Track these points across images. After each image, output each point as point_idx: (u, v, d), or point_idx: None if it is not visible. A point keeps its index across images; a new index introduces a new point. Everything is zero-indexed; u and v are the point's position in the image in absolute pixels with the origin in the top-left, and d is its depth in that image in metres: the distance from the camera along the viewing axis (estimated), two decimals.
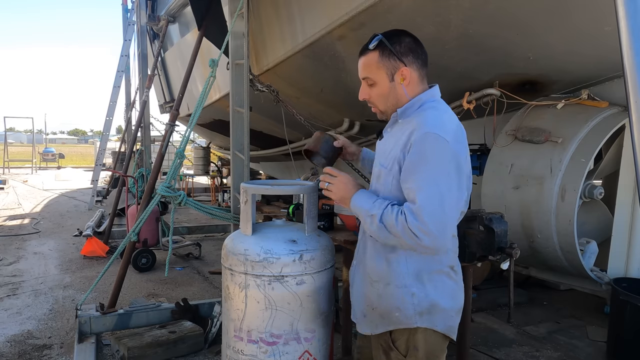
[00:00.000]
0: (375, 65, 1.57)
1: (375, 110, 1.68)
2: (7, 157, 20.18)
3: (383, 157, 1.62)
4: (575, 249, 3.47)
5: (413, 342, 1.59)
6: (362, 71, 1.61)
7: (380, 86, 1.59)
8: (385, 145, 1.65)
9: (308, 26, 3.91)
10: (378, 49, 1.56)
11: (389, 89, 1.58)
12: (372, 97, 1.63)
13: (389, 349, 1.64)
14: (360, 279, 1.74)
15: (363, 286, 1.71)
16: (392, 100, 1.61)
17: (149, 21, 7.54)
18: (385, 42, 1.54)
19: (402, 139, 1.52)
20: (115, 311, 3.53)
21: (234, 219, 3.99)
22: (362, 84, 1.64)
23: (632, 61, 1.41)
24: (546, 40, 3.22)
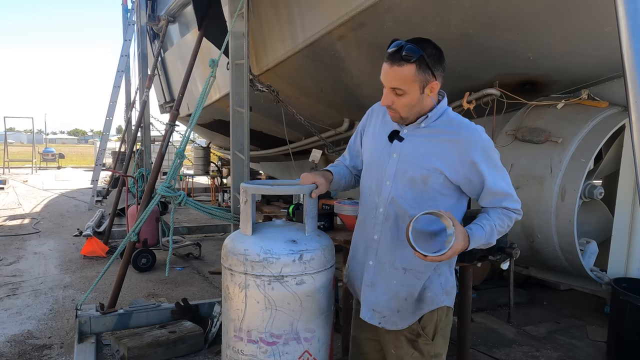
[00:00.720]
0: (412, 79, 1.57)
1: (394, 115, 1.67)
2: (7, 157, 20.17)
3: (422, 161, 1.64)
4: (575, 249, 3.47)
5: (440, 323, 1.72)
6: (394, 81, 1.59)
7: (409, 97, 1.60)
8: (416, 148, 1.66)
9: (308, 26, 3.91)
10: (416, 63, 1.55)
11: (417, 100, 1.61)
12: (396, 105, 1.63)
13: (416, 336, 1.70)
14: (387, 275, 1.73)
15: (394, 280, 1.71)
16: (417, 109, 1.64)
17: (149, 21, 7.54)
18: (425, 58, 1.55)
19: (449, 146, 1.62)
20: (115, 311, 3.53)
21: (234, 219, 4.00)
22: (387, 90, 1.63)
23: (632, 61, 1.41)
24: (546, 40, 3.22)
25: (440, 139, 1.64)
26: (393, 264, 1.71)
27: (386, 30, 3.41)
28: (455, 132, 1.64)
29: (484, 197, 1.67)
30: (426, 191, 1.65)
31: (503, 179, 1.66)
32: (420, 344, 1.70)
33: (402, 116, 1.66)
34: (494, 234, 1.62)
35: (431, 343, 1.70)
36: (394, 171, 1.68)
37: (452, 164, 1.62)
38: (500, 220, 1.64)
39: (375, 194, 1.74)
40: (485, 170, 1.61)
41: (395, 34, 3.53)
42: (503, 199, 1.65)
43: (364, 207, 1.83)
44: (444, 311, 1.73)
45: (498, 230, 1.63)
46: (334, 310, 2.22)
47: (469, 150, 1.60)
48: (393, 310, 1.73)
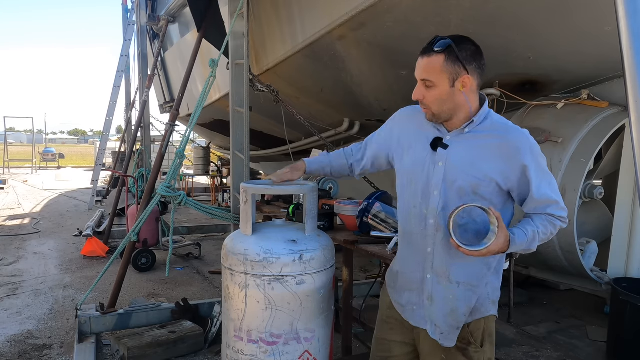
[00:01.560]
0: (440, 69, 1.54)
1: (427, 111, 1.63)
2: (7, 157, 20.17)
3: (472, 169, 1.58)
4: (575, 249, 3.47)
5: (488, 330, 1.70)
6: (423, 72, 1.57)
7: (439, 90, 1.56)
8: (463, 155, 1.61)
9: (308, 26, 3.91)
10: (444, 53, 1.53)
11: (447, 94, 1.56)
12: (427, 99, 1.59)
13: (467, 344, 1.67)
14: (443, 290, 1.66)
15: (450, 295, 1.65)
16: (449, 105, 1.58)
17: (149, 21, 7.54)
18: (453, 48, 1.52)
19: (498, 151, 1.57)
20: (115, 311, 3.53)
21: (234, 219, 4.00)
22: (419, 84, 1.60)
23: (632, 61, 1.41)
24: (546, 40, 3.22)
25: (488, 144, 1.59)
26: (448, 278, 1.65)
27: (386, 30, 3.41)
28: (502, 136, 1.58)
29: (529, 203, 1.61)
30: (475, 200, 1.58)
31: (550, 185, 1.59)
32: (470, 352, 1.68)
33: (433, 112, 1.60)
34: (535, 241, 1.58)
35: (481, 350, 1.68)
36: (442, 180, 1.61)
37: (503, 170, 1.57)
38: (544, 227, 1.59)
39: (423, 205, 1.66)
40: (533, 175, 1.56)
41: (395, 34, 3.54)
42: (548, 206, 1.59)
43: (410, 218, 1.71)
44: (490, 320, 1.72)
45: (541, 238, 1.59)
46: (334, 310, 2.22)
47: (518, 153, 1.55)
48: (453, 328, 1.67)
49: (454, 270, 1.64)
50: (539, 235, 1.58)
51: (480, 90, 1.66)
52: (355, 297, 3.37)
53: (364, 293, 3.81)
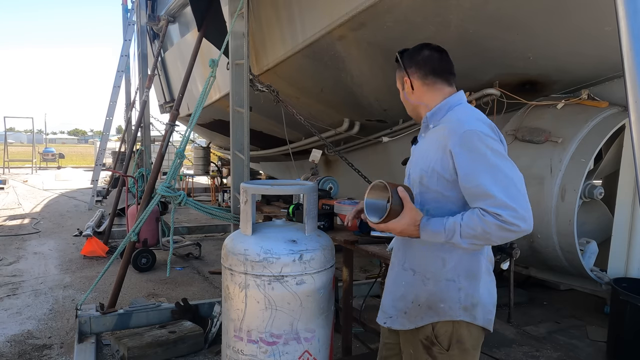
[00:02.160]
0: (397, 77, 1.79)
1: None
2: (7, 157, 20.17)
3: (422, 161, 1.66)
4: (575, 249, 3.47)
5: (457, 335, 1.63)
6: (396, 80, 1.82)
7: (401, 94, 1.80)
8: (421, 149, 1.72)
9: (308, 26, 3.91)
10: (397, 63, 1.77)
11: (403, 97, 1.79)
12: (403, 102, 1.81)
13: (430, 344, 1.65)
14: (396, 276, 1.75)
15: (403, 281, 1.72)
16: (409, 106, 1.79)
17: (149, 21, 7.54)
18: (398, 57, 1.76)
19: (438, 141, 1.60)
20: (115, 311, 3.53)
21: (234, 219, 4.00)
22: None
23: (632, 61, 1.41)
24: (546, 40, 3.22)
25: (434, 137, 1.64)
26: (403, 265, 1.71)
27: (386, 30, 3.41)
28: (444, 127, 1.61)
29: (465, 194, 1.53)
30: (425, 192, 1.62)
31: (493, 178, 1.44)
32: (434, 352, 1.65)
33: (408, 112, 1.81)
34: (456, 233, 1.47)
35: (446, 353, 1.64)
36: (409, 174, 1.76)
37: (441, 158, 1.56)
38: (470, 220, 1.45)
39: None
40: (460, 160, 1.49)
41: (395, 34, 3.54)
42: (480, 199, 1.45)
43: None
44: (462, 326, 1.63)
45: (465, 232, 1.46)
46: (334, 310, 2.22)
47: (447, 140, 1.54)
48: (400, 311, 1.70)
49: (409, 258, 1.70)
50: (461, 228, 1.46)
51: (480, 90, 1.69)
52: (355, 297, 3.37)
53: (364, 293, 3.81)
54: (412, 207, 1.52)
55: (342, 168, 5.79)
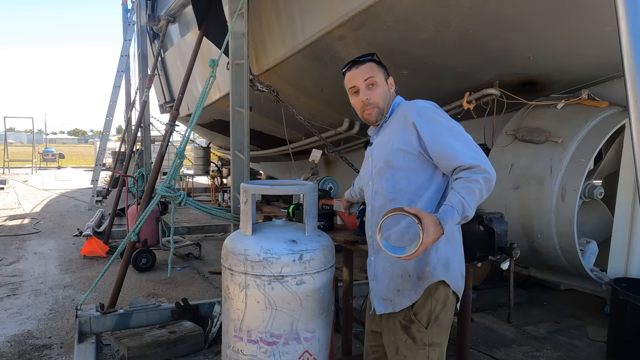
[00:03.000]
0: (377, 69, 1.85)
1: (372, 111, 1.86)
2: (7, 157, 20.17)
3: (384, 149, 1.82)
4: (575, 249, 3.47)
5: (435, 312, 1.73)
6: (366, 73, 1.83)
7: (381, 86, 1.84)
8: (379, 144, 1.88)
9: (308, 26, 3.91)
10: (372, 61, 1.87)
11: (386, 89, 1.86)
12: (373, 97, 1.84)
13: (409, 322, 1.72)
14: (381, 261, 1.83)
15: (388, 262, 1.80)
16: (388, 100, 1.88)
17: (149, 21, 7.54)
18: (377, 57, 1.89)
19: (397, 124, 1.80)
20: (115, 311, 3.53)
21: (234, 219, 4.00)
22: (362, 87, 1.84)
23: (632, 61, 1.41)
24: (546, 41, 3.22)
25: (393, 125, 1.83)
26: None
27: (386, 30, 3.41)
28: (397, 112, 1.84)
29: (437, 164, 1.72)
30: (395, 172, 1.77)
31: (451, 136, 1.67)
32: (413, 331, 1.71)
33: (380, 107, 1.85)
34: (467, 207, 1.56)
35: (424, 331, 1.71)
36: (370, 171, 1.89)
37: (404, 137, 1.75)
38: (466, 190, 1.58)
39: (367, 198, 1.93)
40: (423, 129, 1.70)
41: (395, 34, 3.54)
42: (449, 160, 1.66)
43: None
44: (440, 295, 1.72)
45: (471, 200, 1.58)
46: (334, 310, 2.22)
47: (407, 116, 1.75)
48: (394, 291, 1.77)
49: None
50: (466, 199, 1.57)
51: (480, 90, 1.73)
52: (355, 297, 3.37)
53: (364, 293, 3.80)
54: (426, 214, 1.50)
55: (342, 168, 5.79)
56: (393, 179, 1.77)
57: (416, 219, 1.47)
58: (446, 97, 3.94)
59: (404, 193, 1.75)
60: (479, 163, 1.61)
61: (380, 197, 1.83)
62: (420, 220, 1.47)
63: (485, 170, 1.61)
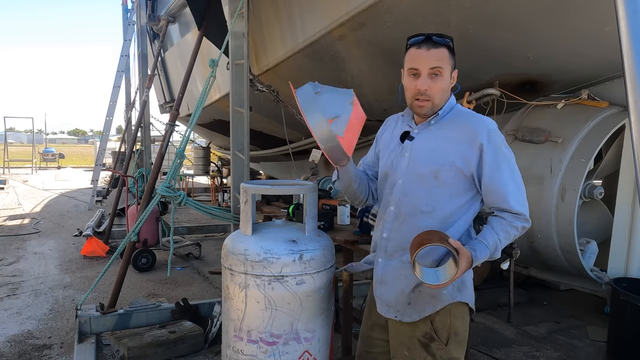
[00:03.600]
0: (447, 60, 1.62)
1: (426, 104, 1.64)
2: (7, 157, 20.17)
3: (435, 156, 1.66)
4: (575, 249, 3.47)
5: (454, 328, 1.68)
6: (434, 61, 1.59)
7: (444, 80, 1.62)
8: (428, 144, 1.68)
9: (308, 26, 3.91)
10: (447, 47, 1.62)
11: (448, 84, 1.65)
12: (432, 89, 1.61)
13: (430, 340, 1.67)
14: (395, 270, 1.73)
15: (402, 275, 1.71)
16: (446, 95, 1.68)
17: (149, 21, 7.55)
18: (452, 45, 1.64)
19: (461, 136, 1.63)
20: (115, 311, 3.53)
21: (234, 219, 4.00)
22: (425, 74, 1.60)
23: (632, 61, 1.41)
24: (546, 40, 3.22)
25: (450, 131, 1.66)
26: (401, 259, 1.71)
27: (386, 30, 3.41)
28: (464, 122, 1.66)
29: (484, 193, 1.64)
30: (438, 186, 1.64)
31: (510, 177, 1.60)
32: (433, 348, 1.67)
33: (434, 103, 1.64)
34: (498, 250, 1.60)
35: (444, 348, 1.67)
36: (406, 169, 1.70)
37: (463, 151, 1.62)
38: (505, 233, 1.60)
39: (389, 194, 1.75)
40: (488, 157, 1.59)
41: (395, 34, 3.53)
42: (498, 199, 1.61)
43: (380, 210, 1.83)
44: (459, 311, 1.70)
45: (503, 244, 1.61)
46: (334, 310, 2.22)
47: (477, 135, 1.60)
48: (405, 304, 1.71)
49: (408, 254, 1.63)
50: (502, 242, 1.61)
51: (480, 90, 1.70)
52: (355, 297, 3.37)
53: (364, 293, 3.81)
54: (464, 250, 1.51)
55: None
56: (435, 192, 1.65)
57: (456, 252, 1.46)
58: None
59: (440, 210, 1.65)
60: (525, 212, 1.61)
61: (410, 203, 1.68)
62: (458, 255, 1.47)
63: (527, 221, 1.62)
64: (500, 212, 1.63)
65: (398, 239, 1.72)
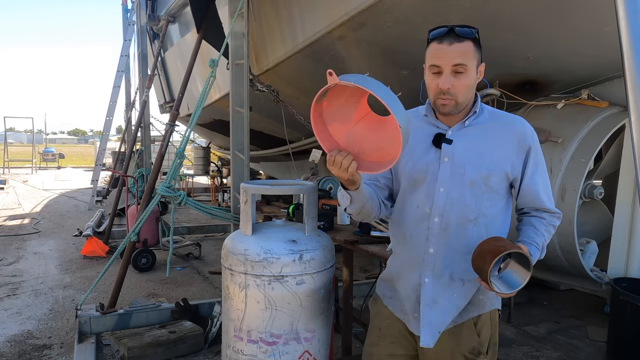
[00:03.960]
0: (472, 55, 1.47)
1: (449, 102, 1.49)
2: (7, 157, 20.17)
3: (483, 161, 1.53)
4: (575, 249, 3.47)
5: (493, 340, 1.64)
6: (458, 57, 1.45)
7: (469, 77, 1.47)
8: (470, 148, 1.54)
9: (308, 26, 3.91)
10: (472, 40, 1.47)
11: (474, 81, 1.50)
12: (456, 87, 1.47)
13: (477, 354, 1.59)
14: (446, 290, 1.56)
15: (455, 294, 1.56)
16: (471, 93, 1.53)
17: (149, 21, 7.55)
18: (478, 37, 1.49)
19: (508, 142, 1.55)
20: (115, 311, 3.53)
21: (234, 219, 4.00)
22: (447, 71, 1.46)
23: (632, 61, 1.41)
24: (546, 40, 3.22)
25: (493, 133, 1.55)
26: (451, 276, 1.56)
27: (386, 30, 3.41)
28: (508, 123, 1.57)
29: (522, 194, 1.59)
30: (486, 192, 1.53)
31: (546, 179, 1.59)
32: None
33: (458, 102, 1.49)
34: (544, 250, 1.57)
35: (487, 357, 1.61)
36: (449, 176, 1.53)
37: (511, 157, 1.54)
38: (548, 233, 1.58)
39: (426, 204, 1.56)
40: (532, 160, 1.56)
41: (395, 34, 3.54)
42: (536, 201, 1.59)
43: (409, 224, 1.60)
44: (496, 319, 1.65)
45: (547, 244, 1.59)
46: (334, 310, 2.22)
47: (525, 137, 1.55)
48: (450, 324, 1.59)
49: (458, 269, 1.55)
50: (546, 242, 1.58)
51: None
52: (355, 297, 3.37)
53: (364, 293, 3.81)
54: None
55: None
56: (481, 198, 1.53)
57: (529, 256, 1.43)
58: None
59: (483, 217, 1.53)
60: (558, 210, 1.61)
61: (459, 212, 1.53)
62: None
63: (560, 219, 1.62)
64: (537, 212, 1.60)
65: (449, 253, 1.54)
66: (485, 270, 1.35)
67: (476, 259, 1.41)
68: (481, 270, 1.38)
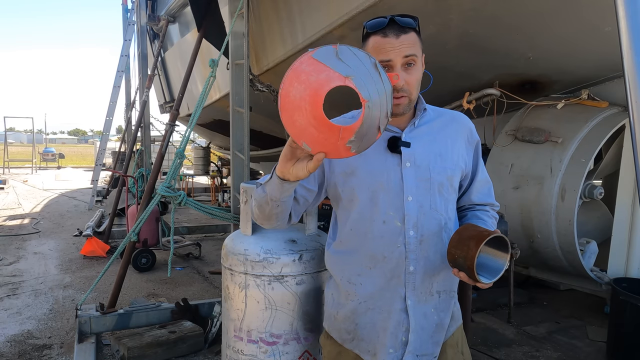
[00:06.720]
0: (418, 45, 1.33)
1: (403, 101, 1.32)
2: (7, 157, 20.16)
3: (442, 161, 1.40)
4: (575, 249, 3.48)
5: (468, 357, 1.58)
6: (408, 47, 1.30)
7: (418, 69, 1.33)
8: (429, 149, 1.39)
9: (308, 26, 3.91)
10: (415, 30, 1.35)
11: (421, 72, 1.36)
12: (410, 83, 1.31)
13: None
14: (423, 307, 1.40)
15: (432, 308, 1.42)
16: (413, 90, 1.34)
17: (149, 21, 7.55)
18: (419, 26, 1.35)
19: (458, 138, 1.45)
20: (115, 311, 3.53)
21: (234, 219, 3.99)
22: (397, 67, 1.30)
23: (632, 61, 1.41)
24: (546, 41, 3.22)
25: (445, 132, 1.43)
26: (429, 291, 1.40)
27: None
28: (454, 119, 1.47)
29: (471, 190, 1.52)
30: (452, 193, 1.43)
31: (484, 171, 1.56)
32: None
33: (412, 98, 1.33)
34: None
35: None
36: (415, 182, 1.36)
37: (464, 153, 1.46)
38: (493, 226, 1.52)
39: (395, 218, 1.36)
40: (479, 155, 1.53)
41: None
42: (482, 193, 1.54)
43: (378, 244, 1.38)
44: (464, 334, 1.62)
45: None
46: None
47: (472, 132, 1.49)
48: (437, 344, 1.44)
49: (437, 282, 1.41)
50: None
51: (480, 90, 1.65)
52: None
53: None
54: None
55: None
56: (447, 201, 1.41)
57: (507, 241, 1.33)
58: (446, 97, 3.94)
59: (450, 220, 1.43)
60: (497, 203, 1.59)
61: (431, 220, 1.37)
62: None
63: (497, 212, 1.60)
64: (481, 205, 1.55)
65: (429, 268, 1.39)
66: (470, 257, 1.21)
67: (455, 248, 1.25)
68: (465, 258, 1.23)
